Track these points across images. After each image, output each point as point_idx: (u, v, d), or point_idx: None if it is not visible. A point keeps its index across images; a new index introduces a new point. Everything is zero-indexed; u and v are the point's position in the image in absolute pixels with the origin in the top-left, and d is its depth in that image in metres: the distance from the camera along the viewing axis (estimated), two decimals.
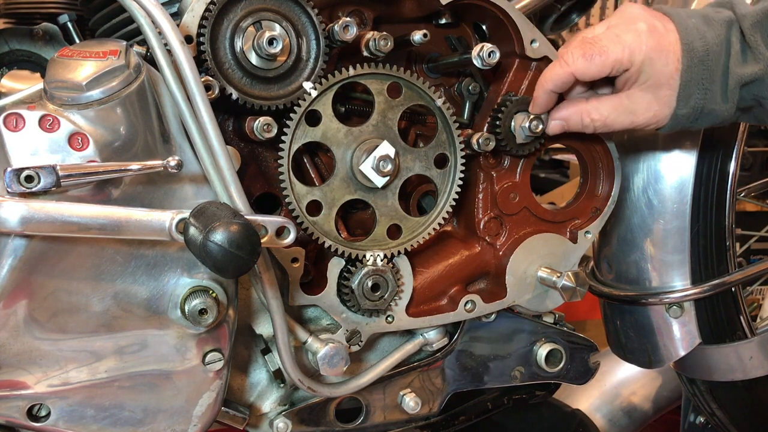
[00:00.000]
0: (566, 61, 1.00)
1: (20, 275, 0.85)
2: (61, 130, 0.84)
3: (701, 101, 0.99)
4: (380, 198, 1.04)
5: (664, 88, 0.99)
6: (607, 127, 1.04)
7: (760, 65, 0.98)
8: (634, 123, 1.02)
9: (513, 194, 1.15)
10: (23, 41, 1.20)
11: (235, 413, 1.08)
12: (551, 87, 1.03)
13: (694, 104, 1.00)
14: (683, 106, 1.00)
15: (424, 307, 1.12)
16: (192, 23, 0.93)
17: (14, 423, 0.91)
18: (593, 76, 1.00)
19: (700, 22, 0.99)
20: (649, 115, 1.01)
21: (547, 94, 1.04)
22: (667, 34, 0.98)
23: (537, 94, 1.06)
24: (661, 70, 0.98)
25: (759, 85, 0.99)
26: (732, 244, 1.31)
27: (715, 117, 1.01)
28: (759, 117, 1.05)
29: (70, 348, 0.90)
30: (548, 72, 1.03)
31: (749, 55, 0.99)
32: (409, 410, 1.17)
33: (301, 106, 0.98)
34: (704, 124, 1.04)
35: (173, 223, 0.84)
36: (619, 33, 0.98)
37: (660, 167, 1.27)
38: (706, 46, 0.98)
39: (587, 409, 1.67)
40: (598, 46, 0.98)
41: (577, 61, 0.99)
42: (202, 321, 0.92)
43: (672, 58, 0.97)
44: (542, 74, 1.04)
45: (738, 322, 1.33)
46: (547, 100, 1.05)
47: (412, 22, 1.10)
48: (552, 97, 1.05)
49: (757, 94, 1.00)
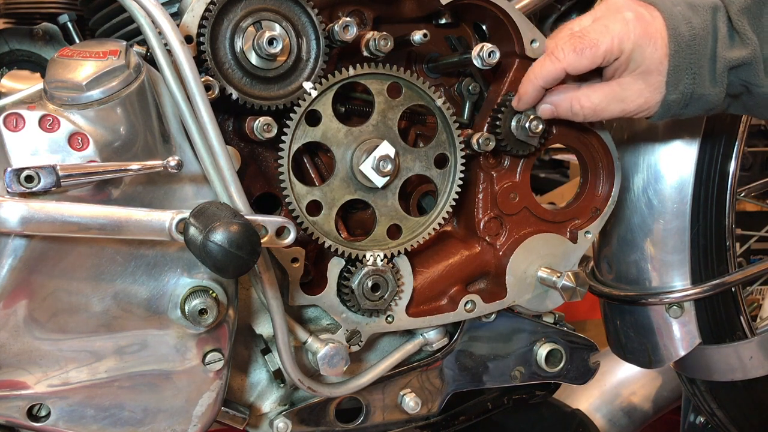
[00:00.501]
0: (557, 57, 1.00)
1: (20, 275, 0.85)
2: (61, 130, 0.84)
3: (690, 86, 0.99)
4: (380, 198, 1.04)
5: (654, 74, 0.99)
6: (596, 114, 1.03)
7: (747, 49, 0.98)
8: (625, 110, 1.02)
9: (513, 194, 1.15)
10: (23, 41, 1.20)
11: (235, 413, 1.08)
12: (541, 83, 1.03)
13: (683, 89, 1.00)
14: (673, 91, 1.00)
15: (424, 307, 1.12)
16: (192, 23, 0.93)
17: (14, 423, 0.91)
18: (585, 69, 1.00)
19: (685, 9, 0.99)
20: (640, 102, 1.01)
21: (537, 90, 1.04)
22: (654, 21, 0.98)
23: (525, 89, 1.05)
24: (651, 56, 0.98)
25: (747, 69, 0.99)
26: (732, 244, 1.31)
27: (705, 102, 1.01)
28: (748, 105, 1.05)
29: (70, 348, 0.90)
30: (538, 67, 1.02)
31: (737, 39, 0.99)
32: (409, 410, 1.17)
33: (301, 106, 0.98)
34: (694, 111, 1.03)
35: (173, 223, 0.84)
36: (606, 23, 0.99)
37: (660, 167, 1.27)
38: (693, 31, 0.98)
39: (587, 409, 1.67)
40: (588, 39, 0.98)
41: (568, 56, 0.99)
42: (202, 321, 0.92)
43: (660, 43, 0.98)
44: (531, 69, 1.04)
45: (738, 322, 1.33)
46: (536, 96, 1.05)
47: (412, 22, 1.10)
48: (541, 92, 1.05)
49: (746, 79, 1.00)
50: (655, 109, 1.02)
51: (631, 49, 0.98)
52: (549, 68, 1.01)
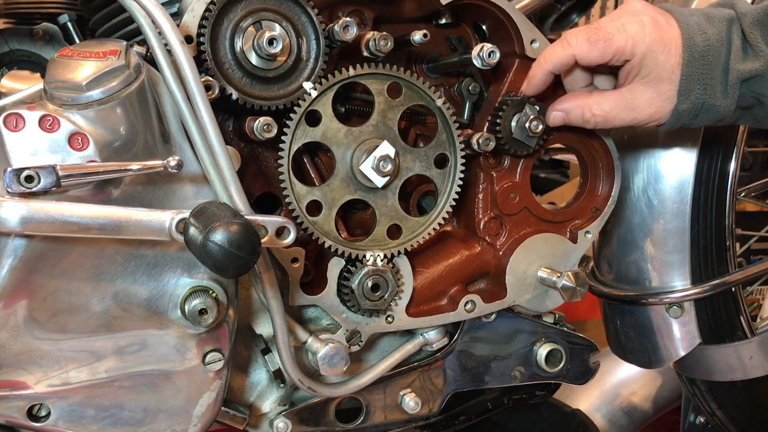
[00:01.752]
0: (569, 42, 1.00)
1: (20, 275, 0.85)
2: (61, 130, 0.84)
3: (702, 96, 1.00)
4: (380, 198, 1.04)
5: (666, 83, 1.00)
6: (607, 123, 1.04)
7: (760, 62, 0.99)
8: (636, 119, 1.03)
9: (513, 194, 1.15)
10: (23, 41, 1.20)
11: (235, 413, 1.08)
12: (550, 67, 1.03)
13: (694, 99, 1.00)
14: (684, 101, 1.00)
15: (424, 307, 1.12)
16: (192, 23, 0.93)
17: (14, 423, 0.91)
18: (594, 60, 1.00)
19: (701, 19, 1.00)
20: (651, 112, 1.01)
21: (545, 75, 1.04)
22: (670, 29, 0.99)
23: (534, 72, 1.05)
24: (663, 64, 0.98)
25: (759, 81, 1.00)
26: (732, 244, 1.31)
27: (715, 113, 1.02)
28: (759, 117, 1.05)
29: (70, 348, 0.90)
30: (549, 52, 1.03)
31: (749, 52, 1.00)
32: (409, 410, 1.17)
33: (301, 106, 0.98)
34: (705, 121, 1.04)
35: (173, 223, 0.84)
36: (624, 23, 0.99)
37: (660, 167, 1.27)
38: (707, 41, 0.98)
39: (587, 409, 1.67)
40: (603, 32, 0.99)
41: (581, 44, 0.99)
42: (202, 321, 0.92)
43: (674, 52, 0.98)
44: (542, 54, 1.04)
45: (738, 322, 1.33)
46: (544, 80, 1.05)
47: (412, 22, 1.10)
48: (549, 78, 1.05)
49: (758, 92, 1.01)
50: (666, 118, 1.02)
51: (643, 53, 0.98)
52: (560, 53, 1.01)
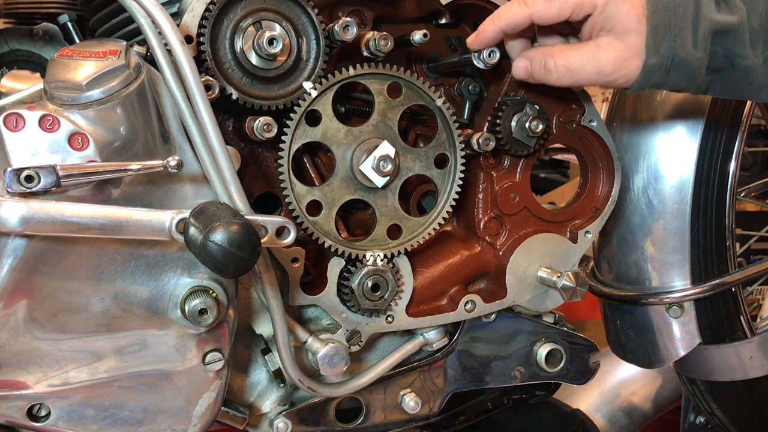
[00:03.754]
0: (525, 2, 0.97)
1: (20, 275, 0.85)
2: (61, 130, 0.84)
3: (671, 49, 0.96)
4: (380, 198, 1.04)
5: (632, 34, 0.95)
6: (571, 74, 0.98)
7: (735, 16, 0.96)
8: (602, 72, 0.97)
9: (513, 194, 1.15)
10: (23, 41, 1.20)
11: (235, 413, 1.08)
12: (503, 25, 0.99)
13: (663, 53, 0.96)
14: (653, 54, 0.96)
15: (424, 307, 1.12)
16: (192, 23, 0.93)
17: (14, 423, 0.91)
18: (553, 18, 0.96)
19: None
20: (617, 64, 0.96)
21: (496, 33, 1.00)
22: None
23: (485, 27, 1.01)
24: (627, 14, 0.94)
25: (733, 37, 0.96)
26: (732, 244, 1.31)
27: (687, 69, 0.97)
28: (729, 83, 1.01)
29: (70, 348, 0.90)
30: (504, 9, 0.99)
31: (722, 5, 0.97)
32: (409, 410, 1.17)
33: (301, 106, 0.98)
34: (675, 79, 0.99)
35: (173, 223, 0.84)
36: None
37: (660, 167, 1.27)
38: None
39: (587, 409, 1.67)
40: None
41: (537, 2, 0.96)
42: (202, 321, 0.92)
43: (637, 2, 0.95)
44: (497, 10, 1.00)
45: (738, 322, 1.33)
46: (493, 38, 1.01)
47: (412, 22, 1.10)
48: (499, 36, 1.01)
49: (730, 49, 0.97)
50: (634, 75, 0.97)
51: (605, 2, 0.94)
52: (515, 12, 0.97)
